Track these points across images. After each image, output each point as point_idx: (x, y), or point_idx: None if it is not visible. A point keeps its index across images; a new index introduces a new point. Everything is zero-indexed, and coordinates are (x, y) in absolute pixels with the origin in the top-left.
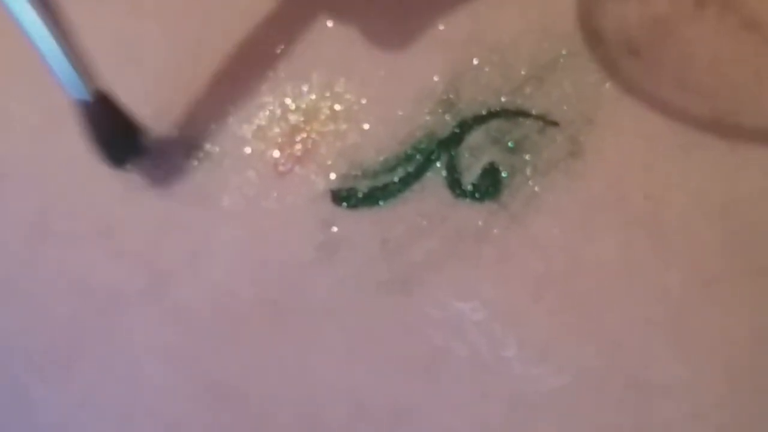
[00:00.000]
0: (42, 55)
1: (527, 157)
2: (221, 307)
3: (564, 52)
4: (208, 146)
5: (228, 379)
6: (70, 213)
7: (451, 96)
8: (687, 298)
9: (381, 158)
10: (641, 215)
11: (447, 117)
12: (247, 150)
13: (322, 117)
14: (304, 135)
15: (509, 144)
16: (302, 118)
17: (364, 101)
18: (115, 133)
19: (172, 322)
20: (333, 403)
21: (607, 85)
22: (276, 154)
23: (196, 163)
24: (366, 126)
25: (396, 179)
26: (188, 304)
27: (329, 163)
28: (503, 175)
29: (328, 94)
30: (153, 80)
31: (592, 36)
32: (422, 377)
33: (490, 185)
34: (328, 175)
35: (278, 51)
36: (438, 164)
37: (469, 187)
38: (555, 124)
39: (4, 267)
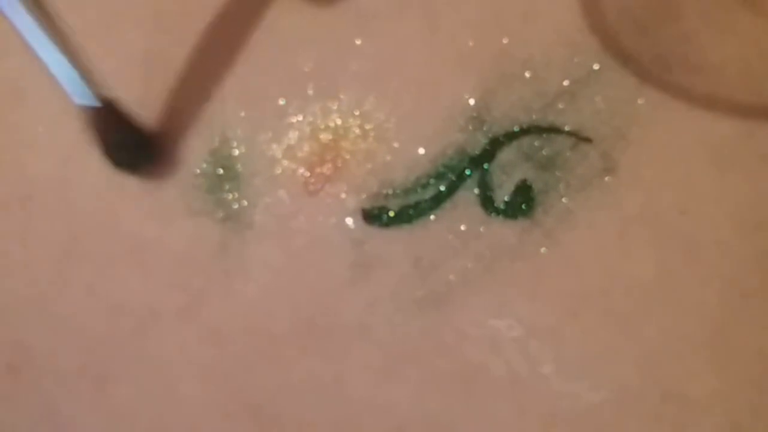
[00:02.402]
0: (44, 62)
1: (560, 173)
2: (256, 327)
3: (596, 67)
4: (238, 166)
5: (264, 398)
6: (101, 233)
7: (482, 112)
8: (723, 312)
9: (412, 176)
10: (676, 231)
11: (478, 134)
12: (278, 169)
13: (352, 136)
14: (334, 154)
15: (541, 161)
16: (332, 137)
17: (393, 119)
18: (122, 138)
19: (206, 341)
20: (370, 422)
21: (640, 100)
22: (306, 173)
23: (227, 185)
24: (396, 144)
25: (427, 197)
26: (222, 323)
27: (360, 181)
28: (536, 192)
29: (357, 113)
30: (182, 98)
31: (624, 51)
32: (459, 395)
33: (523, 202)
34: (359, 194)
35: (307, 69)
36: (470, 182)
37: (502, 205)
38: (588, 140)
39: (36, 287)
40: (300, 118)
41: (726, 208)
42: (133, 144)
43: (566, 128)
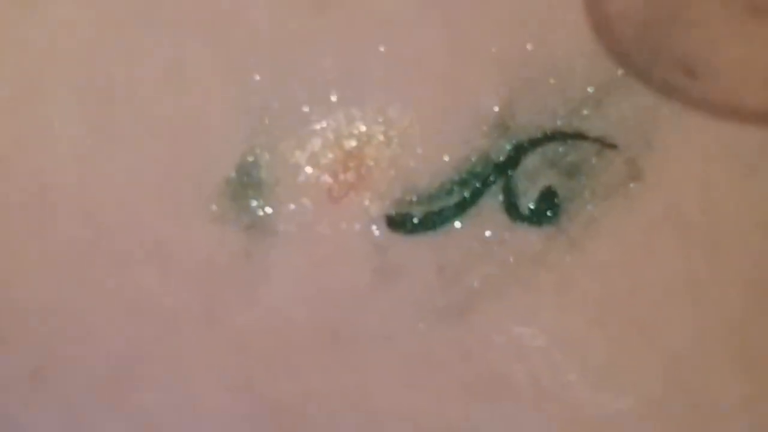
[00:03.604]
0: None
1: (585, 180)
2: (279, 332)
3: (620, 72)
4: (262, 173)
5: (288, 405)
6: (122, 236)
7: (506, 119)
8: (750, 319)
9: (436, 183)
10: (702, 238)
11: (502, 140)
12: (301, 177)
13: (376, 142)
14: (358, 161)
15: (566, 167)
16: (355, 144)
17: (417, 126)
18: None
19: (229, 348)
20: (393, 430)
21: (665, 106)
22: (329, 180)
23: (251, 192)
24: (420, 150)
25: (452, 204)
26: (245, 330)
27: (383, 188)
28: (561, 199)
29: (381, 119)
30: (205, 105)
31: (648, 57)
32: (483, 403)
33: (548, 209)
34: (383, 201)
35: (330, 77)
36: (494, 188)
37: (527, 212)
38: (613, 146)
39: (55, 289)
40: (323, 125)
41: (752, 215)
42: None
43: (591, 135)
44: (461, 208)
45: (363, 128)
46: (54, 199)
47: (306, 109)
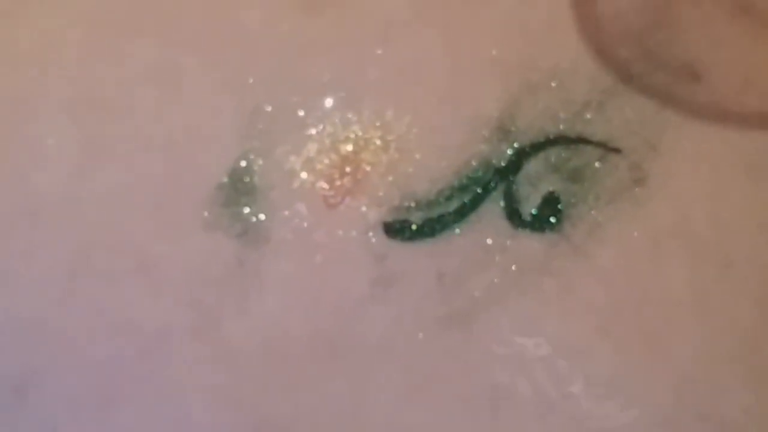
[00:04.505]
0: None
1: (589, 185)
2: (272, 345)
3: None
4: (255, 179)
5: (280, 420)
6: (110, 249)
7: (507, 123)
8: (759, 328)
9: (435, 189)
10: (709, 244)
11: (503, 145)
12: (296, 182)
13: (373, 147)
14: (355, 166)
15: (569, 172)
16: (352, 149)
17: (415, 130)
18: None
19: (220, 361)
20: None
21: (670, 110)
22: (325, 186)
23: (243, 198)
24: (418, 156)
25: (451, 210)
26: (237, 341)
27: (381, 194)
28: (564, 204)
29: (378, 123)
30: (196, 110)
31: (652, 60)
32: (485, 416)
33: (550, 215)
34: (381, 207)
35: (325, 79)
36: (495, 194)
37: (529, 218)
38: (617, 151)
39: (40, 306)
40: (319, 129)
41: (760, 221)
42: None
43: (594, 138)
44: (461, 214)
45: (360, 132)
46: (42, 217)
47: (301, 112)
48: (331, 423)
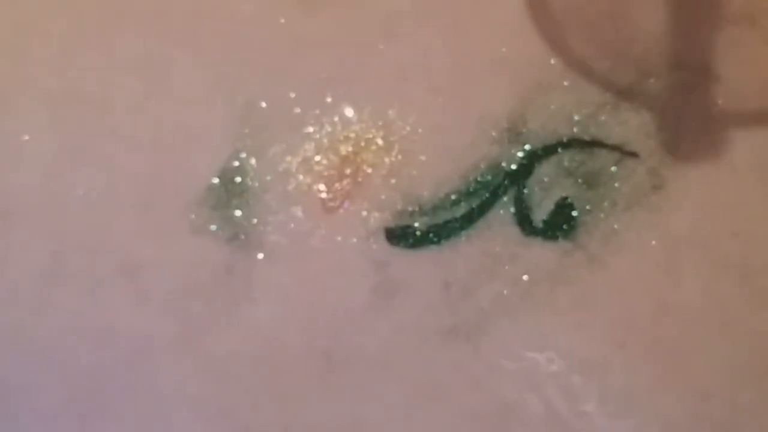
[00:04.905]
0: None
1: (604, 191)
2: (264, 357)
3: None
4: (248, 180)
5: None
6: (89, 254)
7: (518, 124)
8: None
9: (441, 193)
10: (728, 254)
11: (513, 147)
12: (292, 184)
13: (374, 148)
14: (355, 168)
15: (583, 177)
16: (352, 149)
17: (420, 130)
18: None
19: (206, 373)
20: None
21: (689, 112)
22: (324, 188)
23: (235, 201)
24: (423, 157)
25: (458, 216)
26: (226, 353)
27: (383, 198)
28: (578, 211)
29: (380, 123)
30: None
31: (670, 60)
32: None
33: (563, 222)
34: (382, 212)
35: (324, 75)
36: (505, 199)
37: (541, 225)
38: (634, 155)
39: (15, 313)
40: (317, 128)
41: None
42: None
43: (610, 142)
44: (469, 220)
45: (360, 132)
46: (17, 218)
47: (297, 110)
48: None
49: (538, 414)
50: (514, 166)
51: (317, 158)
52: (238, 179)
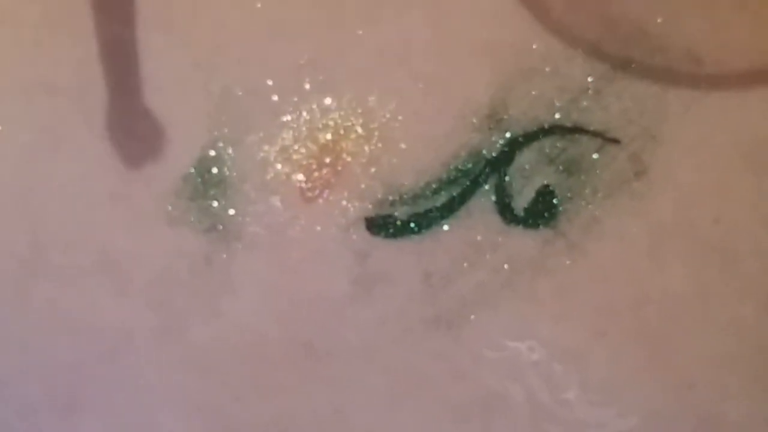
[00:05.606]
0: None
1: (585, 178)
2: (245, 348)
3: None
4: (225, 170)
5: (255, 427)
6: (68, 245)
7: (499, 111)
8: (762, 328)
9: (421, 181)
10: (712, 241)
11: (494, 134)
12: (270, 174)
13: (354, 136)
14: (334, 156)
15: (565, 164)
16: (331, 138)
17: (400, 117)
18: None
19: (187, 364)
20: None
21: (671, 97)
22: (302, 177)
23: (212, 191)
24: (403, 145)
25: (439, 205)
26: (207, 346)
27: (362, 187)
28: (559, 198)
29: (360, 110)
30: (160, 92)
31: (652, 44)
32: (475, 424)
33: (545, 210)
34: (362, 201)
35: (302, 62)
36: (486, 187)
37: (522, 213)
38: (616, 141)
39: None
40: (295, 115)
41: (764, 216)
42: None
43: (591, 128)
44: (449, 209)
45: (339, 120)
46: None
47: (275, 97)
48: (313, 430)
49: (520, 402)
50: (494, 154)
51: (296, 147)
52: (215, 169)
